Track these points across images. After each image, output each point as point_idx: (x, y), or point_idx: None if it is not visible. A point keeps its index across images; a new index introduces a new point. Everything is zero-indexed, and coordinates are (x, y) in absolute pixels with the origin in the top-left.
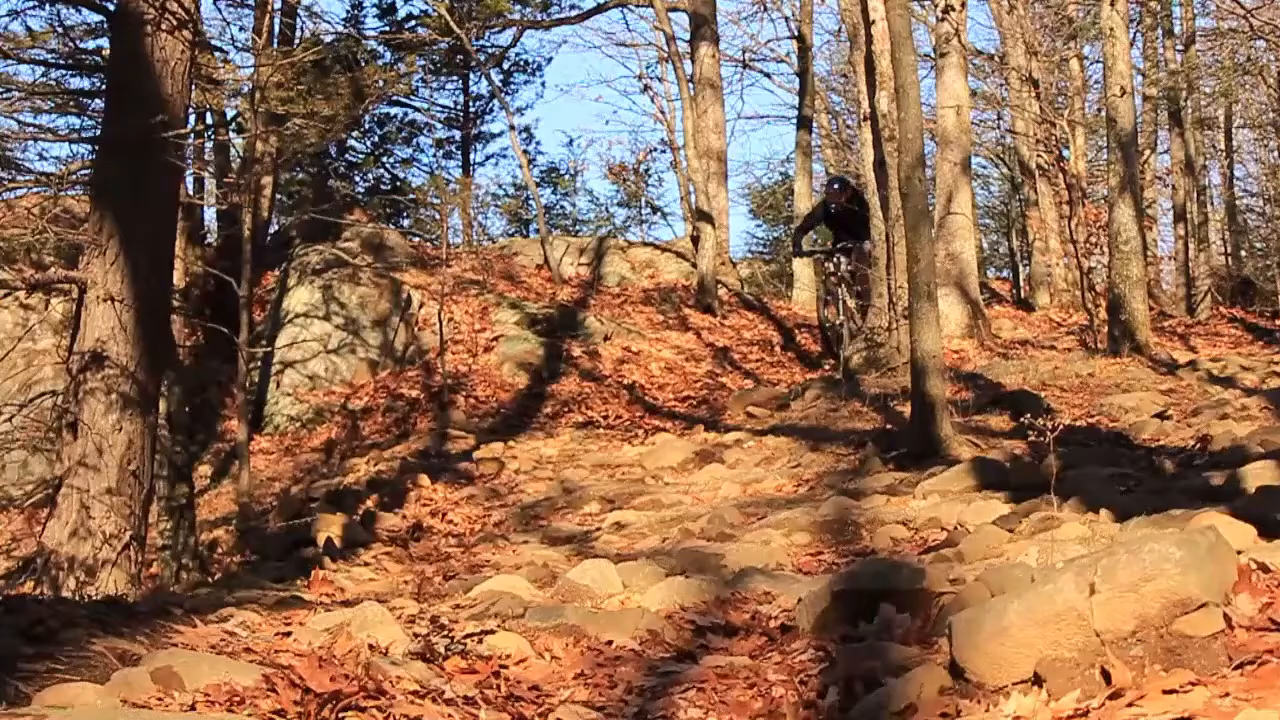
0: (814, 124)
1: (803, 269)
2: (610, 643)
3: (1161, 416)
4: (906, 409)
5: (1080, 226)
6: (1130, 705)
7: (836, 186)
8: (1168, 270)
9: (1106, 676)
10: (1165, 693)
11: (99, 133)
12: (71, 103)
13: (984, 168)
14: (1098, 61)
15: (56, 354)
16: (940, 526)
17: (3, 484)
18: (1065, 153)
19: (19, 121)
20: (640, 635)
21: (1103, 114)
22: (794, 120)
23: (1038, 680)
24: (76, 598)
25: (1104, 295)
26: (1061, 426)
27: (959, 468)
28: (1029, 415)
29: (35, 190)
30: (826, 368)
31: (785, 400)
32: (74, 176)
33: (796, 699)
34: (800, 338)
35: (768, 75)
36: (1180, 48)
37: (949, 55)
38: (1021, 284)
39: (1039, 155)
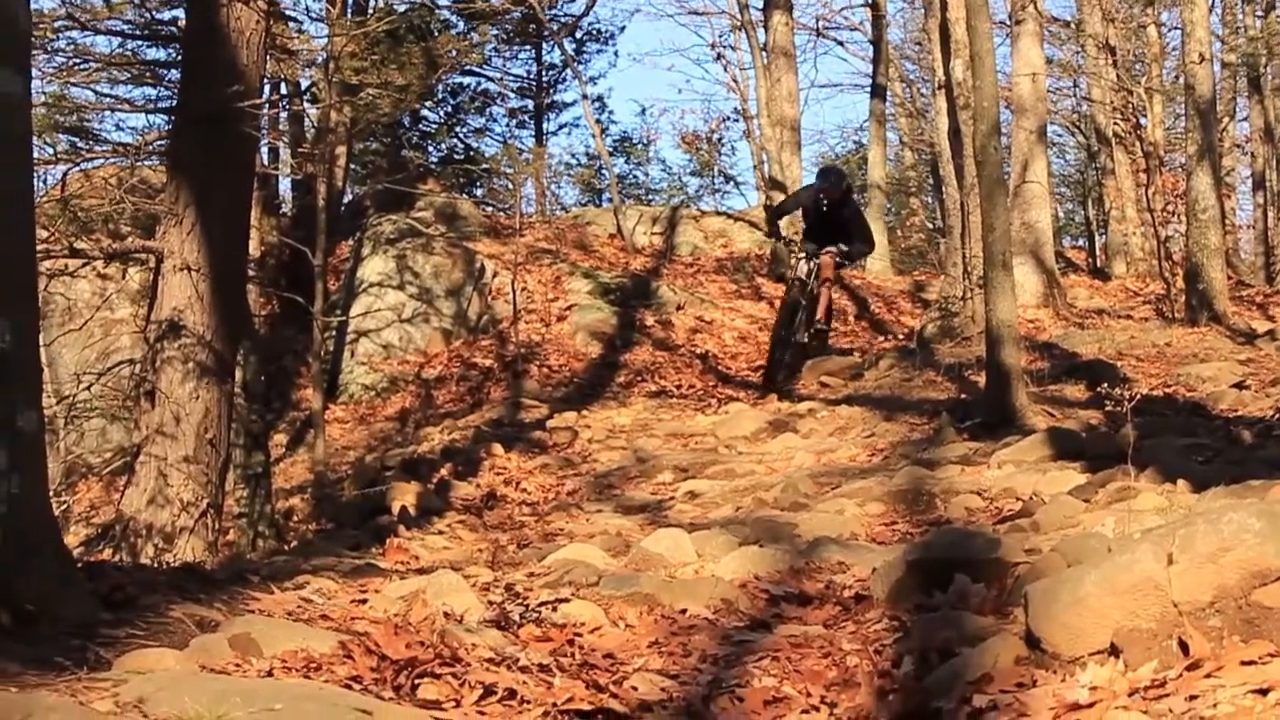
0: (888, 92)
1: (877, 237)
2: (684, 611)
3: (1239, 386)
4: (981, 378)
5: (1157, 195)
6: (1208, 676)
7: (833, 179)
8: (1246, 239)
9: (1184, 647)
10: (1244, 664)
11: (175, 103)
12: (148, 73)
13: (1060, 136)
14: (1176, 28)
15: (134, 323)
16: (1015, 496)
17: (81, 452)
18: (1142, 120)
19: (96, 92)
20: (714, 604)
21: (1181, 81)
22: (868, 89)
23: (1114, 651)
24: (155, 564)
25: (1181, 264)
26: (1138, 396)
27: (1034, 437)
28: (1105, 385)
29: (112, 161)
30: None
31: (859, 369)
32: (150, 147)
33: (871, 668)
34: (874, 307)
35: (841, 43)
36: (1260, 13)
37: (1025, 22)
38: (1098, 253)
39: (1116, 123)
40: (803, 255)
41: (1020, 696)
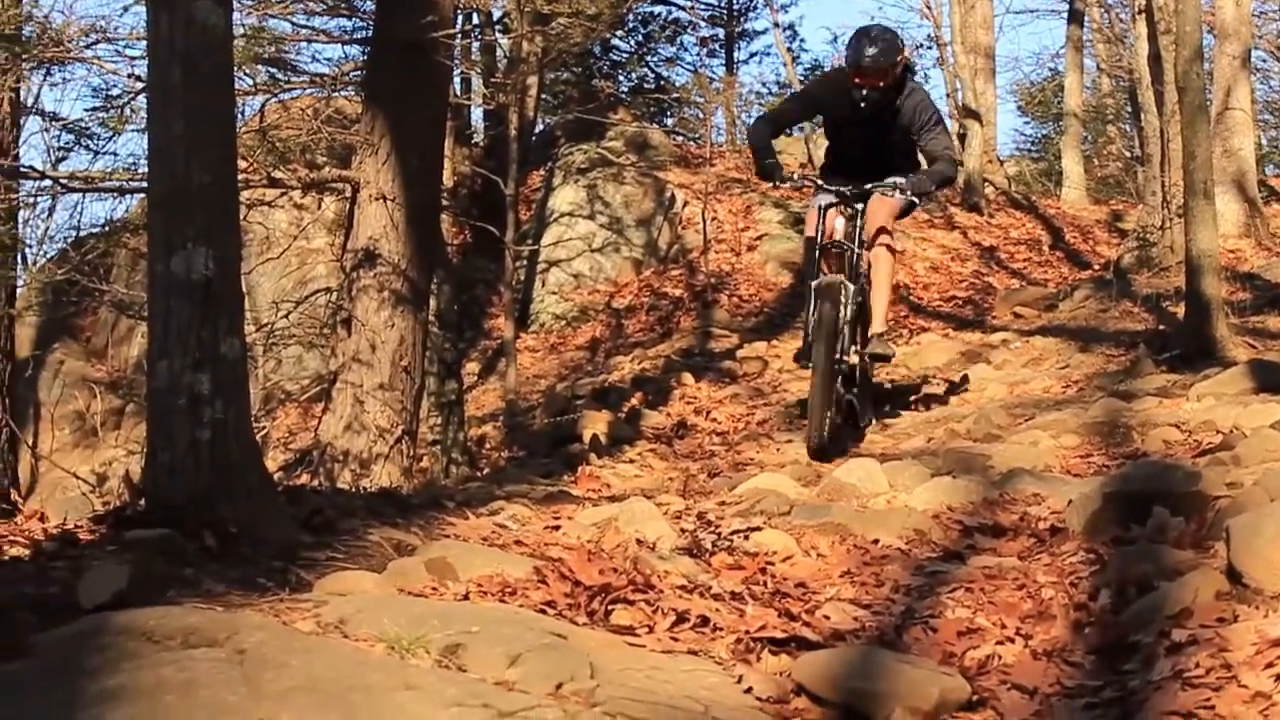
0: (1086, 18)
1: (1073, 166)
2: (876, 541)
3: None
4: (1180, 310)
5: None
6: None
7: (877, 50)
8: None
9: None
10: None
11: (371, 34)
12: (343, 4)
13: (1264, 61)
14: None
15: (330, 252)
16: (1215, 429)
17: (279, 379)
18: None
19: (293, 24)
20: (906, 535)
21: None
22: (1064, 14)
23: None
24: (352, 489)
25: None
26: None
27: (1235, 370)
28: None
29: (309, 91)
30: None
31: (1053, 300)
32: (346, 77)
33: (1067, 601)
34: (1069, 237)
35: None
36: None
37: None
38: None
39: None
40: (831, 202)
41: (1221, 631)
